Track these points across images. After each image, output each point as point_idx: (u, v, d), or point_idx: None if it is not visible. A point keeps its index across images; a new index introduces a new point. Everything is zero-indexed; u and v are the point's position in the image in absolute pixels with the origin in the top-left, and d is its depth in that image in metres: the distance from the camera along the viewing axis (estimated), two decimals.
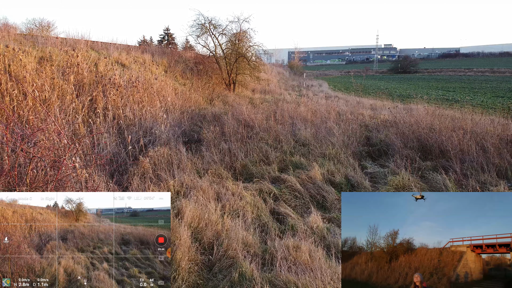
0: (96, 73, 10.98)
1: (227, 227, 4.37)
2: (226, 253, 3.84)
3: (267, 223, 4.89)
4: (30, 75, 9.00)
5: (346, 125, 8.72)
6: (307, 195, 5.83)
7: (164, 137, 8.28)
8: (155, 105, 10.71)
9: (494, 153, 6.51)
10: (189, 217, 4.36)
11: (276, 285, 3.27)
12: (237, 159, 7.09)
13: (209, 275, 3.68)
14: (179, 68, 16.21)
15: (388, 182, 6.05)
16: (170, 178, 5.81)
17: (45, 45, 12.01)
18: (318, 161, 6.86)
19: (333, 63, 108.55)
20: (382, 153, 7.61)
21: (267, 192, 5.84)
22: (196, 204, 4.78)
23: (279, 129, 8.53)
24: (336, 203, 5.70)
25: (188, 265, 3.56)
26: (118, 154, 7.43)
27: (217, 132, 8.43)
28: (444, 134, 7.11)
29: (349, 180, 6.30)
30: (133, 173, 6.01)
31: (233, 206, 5.10)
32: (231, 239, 4.04)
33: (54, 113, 7.66)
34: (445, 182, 5.71)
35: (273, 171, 6.67)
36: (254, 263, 3.62)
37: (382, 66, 76.48)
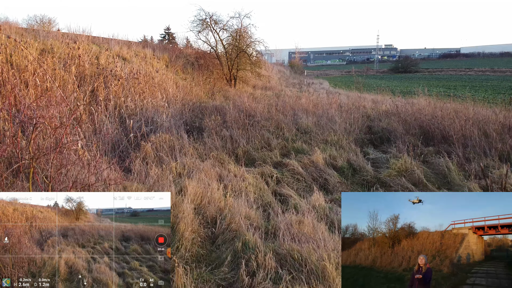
0: (98, 65, 11.00)
1: (229, 204, 4.36)
2: (229, 226, 3.84)
3: (269, 203, 4.88)
4: (31, 65, 9.01)
5: (348, 114, 8.72)
6: (309, 178, 5.83)
7: (165, 126, 8.28)
8: (156, 97, 10.72)
9: (496, 138, 6.49)
10: (192, 193, 4.35)
11: (279, 253, 3.27)
12: (238, 146, 7.08)
13: (212, 247, 3.67)
14: (180, 63, 16.23)
15: (390, 166, 6.04)
16: (172, 161, 5.81)
17: (47, 38, 12.03)
18: (320, 146, 6.85)
19: (333, 63, 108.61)
20: (384, 140, 7.60)
21: (269, 175, 5.83)
22: (199, 183, 4.77)
23: (280, 117, 8.52)
24: (338, 185, 5.69)
25: (192, 236, 3.55)
26: (120, 142, 7.44)
27: (218, 121, 8.43)
28: (446, 121, 7.10)
29: (351, 164, 6.29)
30: (135, 157, 6.00)
31: (235, 187, 5.09)
32: (234, 214, 4.03)
33: (55, 100, 7.67)
34: (448, 164, 5.71)
35: (275, 156, 6.67)
36: (257, 234, 3.61)
37: (382, 66, 76.42)
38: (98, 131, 7.31)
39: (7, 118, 3.32)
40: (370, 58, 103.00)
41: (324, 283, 2.88)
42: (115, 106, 9.17)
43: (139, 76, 11.10)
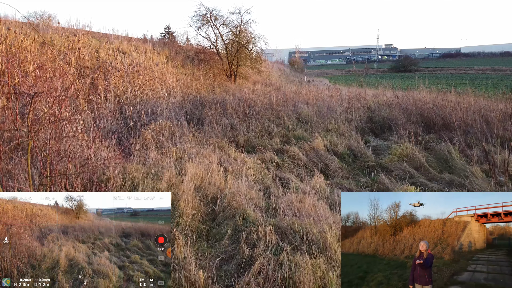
0: (97, 58, 10.97)
1: (230, 185, 4.33)
2: (229, 204, 3.80)
3: (270, 185, 4.85)
4: (31, 55, 8.99)
5: (349, 104, 8.69)
6: (310, 163, 5.79)
7: (165, 116, 8.24)
8: (156, 89, 10.69)
9: (497, 125, 6.46)
10: (192, 173, 4.32)
11: (280, 227, 3.23)
12: (239, 134, 7.05)
13: (212, 224, 3.64)
14: (180, 58, 16.20)
15: (391, 152, 6.01)
16: (172, 147, 5.78)
17: (47, 31, 12.01)
18: (320, 133, 6.82)
19: (333, 63, 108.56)
20: (385, 129, 7.57)
21: (270, 161, 5.80)
22: (199, 164, 4.74)
23: (280, 107, 8.49)
24: (339, 171, 5.66)
25: (192, 212, 3.52)
26: (120, 131, 7.40)
27: (219, 111, 8.39)
28: (448, 109, 7.07)
29: (352, 150, 6.26)
30: (135, 142, 5.96)
31: (236, 170, 5.05)
32: (234, 193, 4.00)
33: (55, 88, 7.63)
34: (449, 149, 5.68)
35: (275, 143, 6.64)
36: (258, 210, 3.58)
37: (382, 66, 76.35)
38: (97, 119, 7.28)
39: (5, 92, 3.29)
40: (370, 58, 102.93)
41: (326, 253, 2.85)
42: (114, 96, 9.14)
43: (139, 69, 11.07)
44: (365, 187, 4.99)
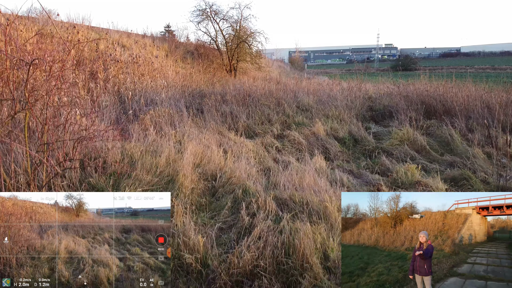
0: (97, 49, 10.93)
1: (230, 164, 4.29)
2: (229, 180, 3.76)
3: (270, 167, 4.80)
4: (30, 45, 8.94)
5: (350, 92, 8.65)
6: (310, 147, 5.75)
7: (165, 105, 8.20)
8: (155, 80, 10.66)
9: (499, 111, 6.42)
10: (192, 152, 4.28)
11: (280, 198, 3.20)
12: (239, 120, 7.01)
13: (212, 198, 3.60)
14: (180, 52, 16.17)
15: (392, 136, 5.97)
16: (171, 130, 5.74)
17: (46, 24, 11.97)
18: (321, 119, 6.79)
19: (334, 62, 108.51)
20: (386, 116, 7.53)
21: (270, 145, 5.77)
22: (199, 144, 4.70)
23: (281, 95, 8.45)
24: (340, 154, 5.62)
25: (191, 185, 3.48)
26: (119, 120, 7.36)
27: (219, 100, 8.35)
28: (449, 95, 7.03)
29: (353, 135, 6.22)
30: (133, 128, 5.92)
31: (235, 152, 5.01)
32: (234, 170, 3.96)
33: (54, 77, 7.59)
34: (451, 132, 5.64)
35: (276, 129, 6.60)
36: (258, 183, 3.55)
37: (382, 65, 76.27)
38: (96, 106, 7.24)
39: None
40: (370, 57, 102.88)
41: (326, 221, 2.81)
42: (114, 86, 9.10)
43: (138, 60, 11.04)
44: (366, 169, 4.95)
